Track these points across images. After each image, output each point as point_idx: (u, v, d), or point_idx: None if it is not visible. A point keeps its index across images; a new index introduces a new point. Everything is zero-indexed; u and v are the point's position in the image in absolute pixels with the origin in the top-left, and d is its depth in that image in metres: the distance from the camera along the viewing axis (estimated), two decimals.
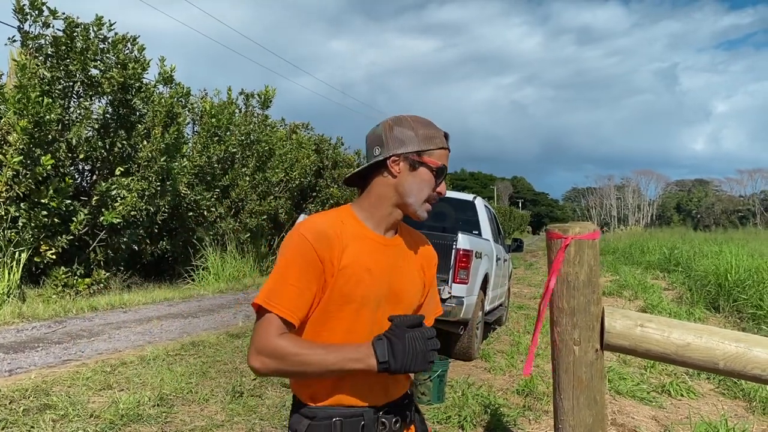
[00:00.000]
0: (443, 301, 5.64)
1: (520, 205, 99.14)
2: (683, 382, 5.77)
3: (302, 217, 6.65)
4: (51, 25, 8.87)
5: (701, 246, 19.07)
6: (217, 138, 13.27)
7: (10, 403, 4.11)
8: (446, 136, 1.57)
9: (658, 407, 5.12)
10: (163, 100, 10.73)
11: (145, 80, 10.36)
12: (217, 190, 13.24)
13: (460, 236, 5.93)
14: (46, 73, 8.75)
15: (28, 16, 8.65)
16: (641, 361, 6.27)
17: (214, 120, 13.10)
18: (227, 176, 13.41)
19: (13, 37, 8.69)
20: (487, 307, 7.13)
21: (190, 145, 13.09)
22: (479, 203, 7.82)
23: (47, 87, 8.62)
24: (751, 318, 8.70)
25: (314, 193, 17.88)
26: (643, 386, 5.58)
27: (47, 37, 8.91)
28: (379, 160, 1.51)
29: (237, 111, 14.38)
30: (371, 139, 1.57)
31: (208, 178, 13.03)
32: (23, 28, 8.69)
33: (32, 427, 3.84)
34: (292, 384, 1.52)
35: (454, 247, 5.89)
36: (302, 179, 16.01)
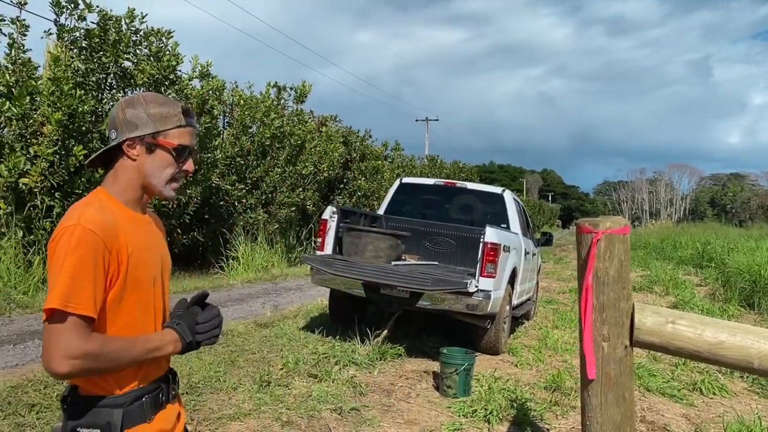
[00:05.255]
0: (470, 294, 5.60)
1: (549, 198, 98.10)
2: (715, 380, 5.66)
3: (331, 210, 6.65)
4: (85, 18, 9.04)
5: (736, 241, 18.64)
6: (250, 130, 13.41)
7: (44, 388, 4.21)
8: (186, 111, 1.54)
9: (689, 405, 5.04)
10: (196, 91, 10.87)
11: (179, 74, 10.50)
12: (249, 181, 13.37)
13: (488, 229, 5.88)
14: (80, 65, 8.90)
15: (65, 9, 8.81)
16: (672, 358, 6.17)
17: (248, 113, 13.22)
18: (259, 168, 13.54)
19: (49, 30, 8.87)
20: (515, 302, 7.07)
21: (223, 137, 13.23)
22: (508, 196, 7.75)
23: (81, 79, 8.76)
24: None
25: (342, 185, 17.97)
26: (673, 384, 5.49)
27: (81, 30, 9.06)
28: (113, 145, 1.51)
29: (271, 104, 14.47)
30: (109, 122, 1.54)
31: (241, 170, 13.18)
32: (59, 21, 8.86)
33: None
34: (84, 382, 1.47)
35: (481, 240, 5.85)
36: (330, 171, 16.10)
